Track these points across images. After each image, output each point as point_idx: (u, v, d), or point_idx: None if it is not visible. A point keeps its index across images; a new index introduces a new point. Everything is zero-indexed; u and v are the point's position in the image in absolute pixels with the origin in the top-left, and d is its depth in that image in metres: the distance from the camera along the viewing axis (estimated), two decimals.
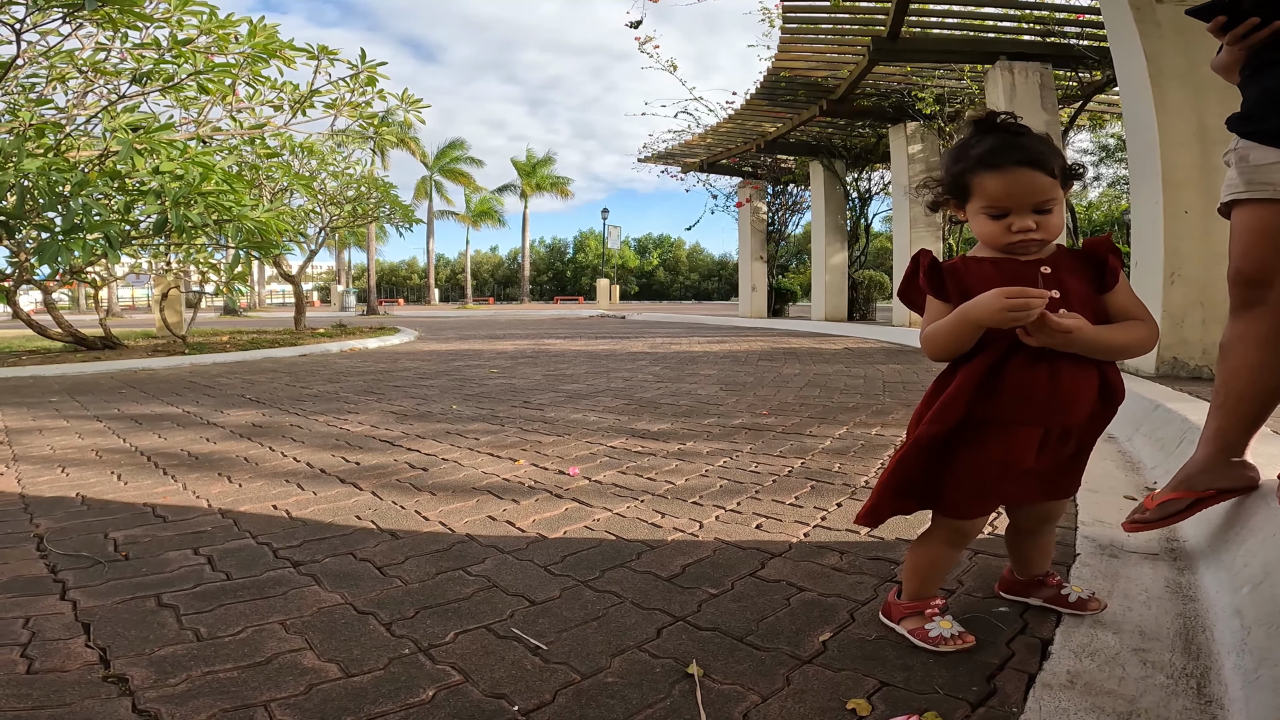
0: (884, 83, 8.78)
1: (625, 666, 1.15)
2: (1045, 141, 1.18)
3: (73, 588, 1.46)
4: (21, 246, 6.44)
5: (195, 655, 1.17)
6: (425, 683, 1.10)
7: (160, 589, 1.45)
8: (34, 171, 5.18)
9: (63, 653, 1.19)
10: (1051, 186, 1.14)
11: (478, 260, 59.59)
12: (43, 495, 2.16)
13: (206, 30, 6.25)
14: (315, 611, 1.34)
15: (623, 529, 1.82)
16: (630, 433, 3.03)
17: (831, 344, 8.15)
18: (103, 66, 6.46)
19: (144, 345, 7.99)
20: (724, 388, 4.42)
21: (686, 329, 11.79)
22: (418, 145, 35.04)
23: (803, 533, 1.79)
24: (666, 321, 15.01)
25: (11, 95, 6.50)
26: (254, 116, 7.71)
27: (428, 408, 3.73)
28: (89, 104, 6.76)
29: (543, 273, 61.10)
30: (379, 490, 2.17)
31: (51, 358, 6.64)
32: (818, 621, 1.31)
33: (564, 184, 42.64)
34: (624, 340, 8.97)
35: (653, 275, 62.01)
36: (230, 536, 1.76)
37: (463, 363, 6.34)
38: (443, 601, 1.39)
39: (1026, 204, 1.15)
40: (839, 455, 2.60)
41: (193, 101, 7.22)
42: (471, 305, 37.60)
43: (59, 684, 1.09)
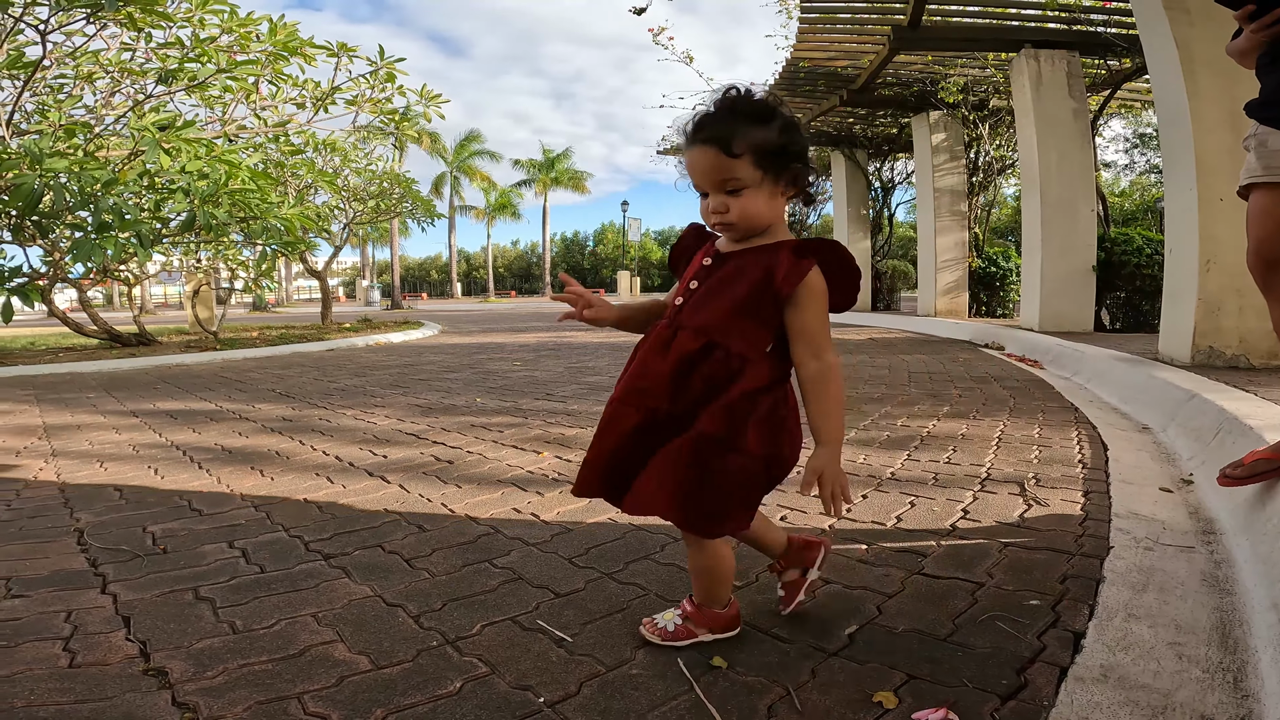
0: (905, 72, 8.63)
1: (650, 658, 1.16)
2: (749, 120, 1.08)
3: (113, 581, 1.50)
4: (55, 245, 6.61)
5: (231, 648, 1.20)
6: (453, 674, 1.11)
7: (197, 582, 1.48)
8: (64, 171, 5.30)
9: (104, 646, 1.22)
10: (733, 167, 1.08)
11: (498, 254, 59.84)
12: (82, 490, 2.22)
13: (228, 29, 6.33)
14: (346, 604, 1.36)
15: (646, 521, 1.82)
16: None
17: (855, 334, 8.08)
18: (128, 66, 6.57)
19: (177, 341, 8.17)
20: None
21: None
22: (438, 140, 35.22)
23: (827, 524, 1.78)
24: None
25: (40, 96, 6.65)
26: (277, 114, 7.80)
27: (452, 401, 3.77)
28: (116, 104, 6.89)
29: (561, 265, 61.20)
30: (406, 483, 2.20)
31: (88, 354, 6.82)
32: (844, 614, 1.30)
33: (581, 178, 42.63)
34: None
35: None
36: (263, 530, 1.80)
37: (486, 356, 6.39)
38: (469, 594, 1.41)
39: (710, 183, 1.11)
40: (864, 447, 2.58)
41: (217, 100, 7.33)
42: (493, 299, 37.88)
43: (101, 677, 1.12)
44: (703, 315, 1.13)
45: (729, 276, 1.13)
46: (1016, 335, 6.09)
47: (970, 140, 9.49)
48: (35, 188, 5.09)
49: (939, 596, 1.36)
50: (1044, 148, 6.61)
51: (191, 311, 9.41)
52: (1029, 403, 3.45)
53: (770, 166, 1.09)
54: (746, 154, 1.07)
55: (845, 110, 10.03)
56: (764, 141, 1.08)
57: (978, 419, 3.07)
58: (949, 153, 9.26)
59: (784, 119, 1.11)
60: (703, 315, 1.13)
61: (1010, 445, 2.57)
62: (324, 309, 11.83)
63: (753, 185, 1.09)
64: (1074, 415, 3.13)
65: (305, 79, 7.36)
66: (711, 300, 1.13)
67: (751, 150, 1.08)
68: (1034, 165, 6.70)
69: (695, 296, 1.16)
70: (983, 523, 1.77)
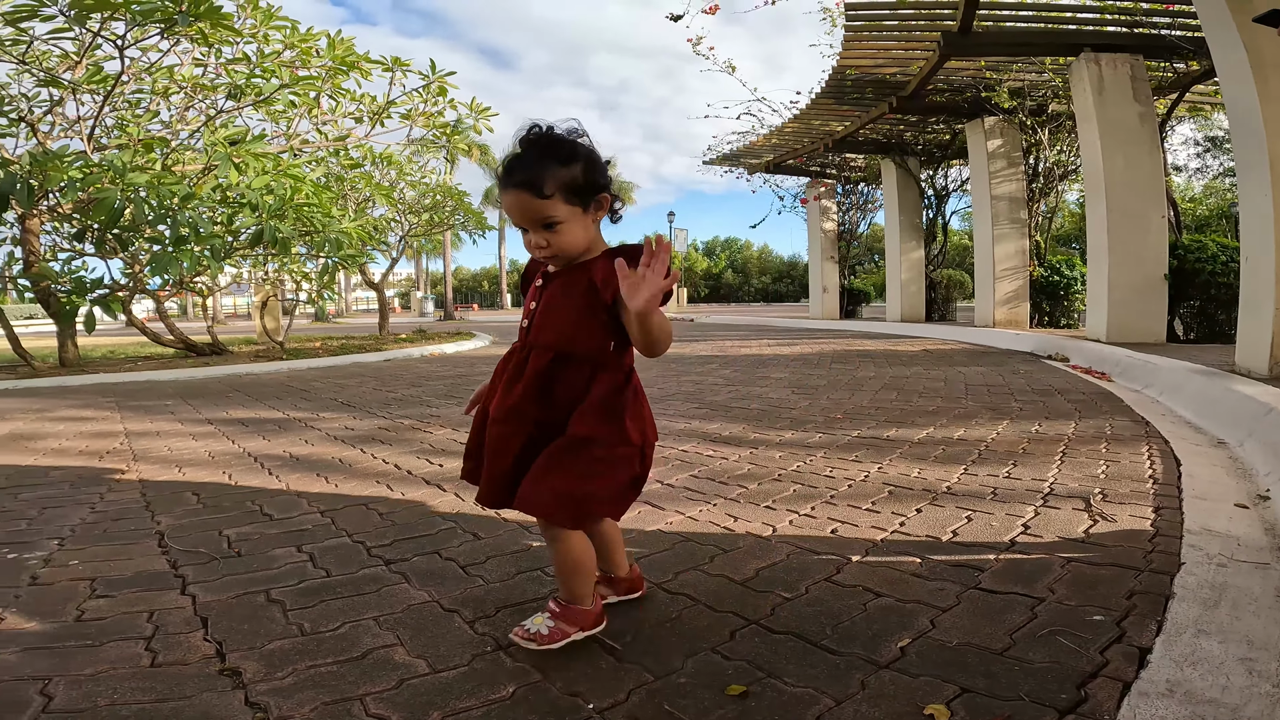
0: (957, 78, 8.44)
1: (698, 668, 1.17)
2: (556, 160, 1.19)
3: (192, 582, 1.58)
4: (135, 258, 6.99)
5: (300, 649, 1.25)
6: (506, 680, 1.14)
7: (269, 584, 1.55)
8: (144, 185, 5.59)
9: (183, 646, 1.28)
10: (545, 206, 1.19)
11: None
12: (162, 494, 2.35)
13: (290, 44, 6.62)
14: (405, 608, 1.41)
15: (695, 532, 1.84)
16: (702, 436, 3.05)
17: (908, 345, 7.90)
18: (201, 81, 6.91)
19: (246, 351, 8.56)
20: (796, 391, 4.36)
21: (756, 331, 11.67)
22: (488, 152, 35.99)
23: (880, 538, 1.76)
24: (735, 324, 14.90)
25: (119, 111, 7.04)
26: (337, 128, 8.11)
27: None
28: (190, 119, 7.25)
29: None
30: (461, 492, 2.26)
31: (165, 363, 7.21)
32: (895, 627, 1.29)
33: (627, 189, 42.99)
34: (692, 343, 8.97)
35: (721, 278, 61.57)
36: (329, 535, 1.88)
37: None
38: (522, 600, 1.44)
39: (526, 223, 1.22)
40: (918, 460, 2.53)
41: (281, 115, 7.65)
42: None
43: (180, 676, 1.17)
44: (547, 333, 1.26)
45: (559, 294, 1.26)
46: (1082, 347, 5.86)
47: (1028, 146, 9.20)
48: (117, 202, 5.40)
49: (996, 611, 1.33)
50: (1109, 153, 6.37)
51: (259, 322, 9.84)
52: (1096, 416, 3.32)
53: (579, 199, 1.21)
54: (557, 193, 1.19)
55: (895, 117, 9.86)
56: (571, 179, 1.20)
57: (1040, 433, 2.97)
58: (1006, 159, 9.00)
59: (586, 154, 1.23)
60: (547, 333, 1.26)
61: (1075, 460, 2.49)
62: (381, 320, 12.22)
63: (567, 219, 1.21)
64: (1145, 429, 3.00)
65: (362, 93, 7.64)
66: (550, 318, 1.26)
67: (561, 189, 1.19)
68: (1098, 171, 6.46)
69: (536, 317, 1.28)
70: (1044, 538, 1.72)
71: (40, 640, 1.30)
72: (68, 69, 6.24)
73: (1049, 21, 6.97)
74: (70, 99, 6.54)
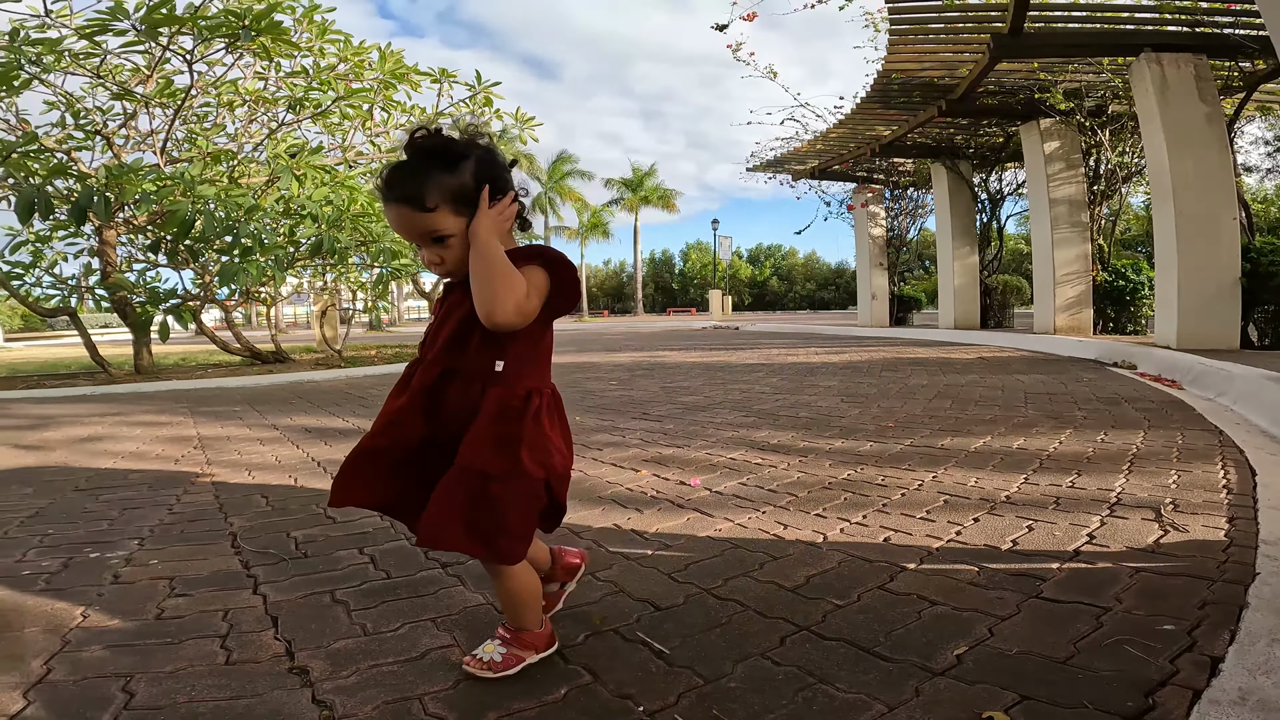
0: (1008, 79, 8.21)
1: (748, 672, 1.17)
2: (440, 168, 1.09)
3: (263, 582, 1.64)
4: (205, 269, 7.33)
5: (363, 649, 1.29)
6: (558, 681, 1.17)
7: (334, 585, 1.61)
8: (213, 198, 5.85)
9: (255, 644, 1.33)
10: (430, 220, 1.09)
11: (591, 274, 61.16)
12: (234, 496, 2.47)
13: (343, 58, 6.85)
14: (461, 610, 1.45)
15: (745, 539, 1.84)
16: (750, 444, 3.04)
17: (963, 353, 7.69)
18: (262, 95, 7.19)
19: (308, 359, 8.88)
20: (845, 399, 4.30)
21: (803, 339, 11.53)
22: (534, 161, 36.36)
23: (935, 546, 1.73)
24: (781, 332, 14.74)
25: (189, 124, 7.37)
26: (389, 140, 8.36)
27: None
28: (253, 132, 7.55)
29: (648, 284, 61.79)
30: None
31: (232, 371, 7.54)
32: (951, 635, 1.27)
33: (670, 196, 42.93)
34: (739, 352, 8.93)
35: (766, 285, 61.07)
36: (388, 538, 1.94)
37: (582, 375, 6.56)
38: (574, 604, 1.46)
39: (413, 239, 1.13)
40: (975, 469, 2.48)
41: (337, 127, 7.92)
42: (587, 318, 38.70)
43: (252, 674, 1.22)
44: (438, 347, 1.19)
45: (454, 305, 1.18)
46: (1150, 353, 5.61)
47: (1088, 148, 8.87)
48: (188, 214, 5.66)
49: (1059, 620, 1.30)
50: (1175, 155, 6.10)
51: (319, 331, 10.21)
52: (1166, 425, 3.18)
53: (471, 209, 1.11)
54: (442, 204, 1.09)
55: (945, 120, 9.65)
56: (458, 188, 1.10)
57: (1106, 441, 2.86)
58: (1064, 161, 8.70)
59: (477, 157, 1.12)
60: (438, 347, 1.19)
61: (1144, 469, 2.40)
62: None
63: (457, 232, 1.11)
64: (1218, 438, 2.86)
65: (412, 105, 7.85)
66: (443, 331, 1.19)
67: (447, 199, 1.09)
68: (1164, 173, 6.19)
69: (432, 330, 1.23)
70: (1111, 548, 1.67)
71: (123, 638, 1.37)
72: (139, 82, 6.50)
73: (1104, 22, 6.73)
74: (143, 112, 6.82)
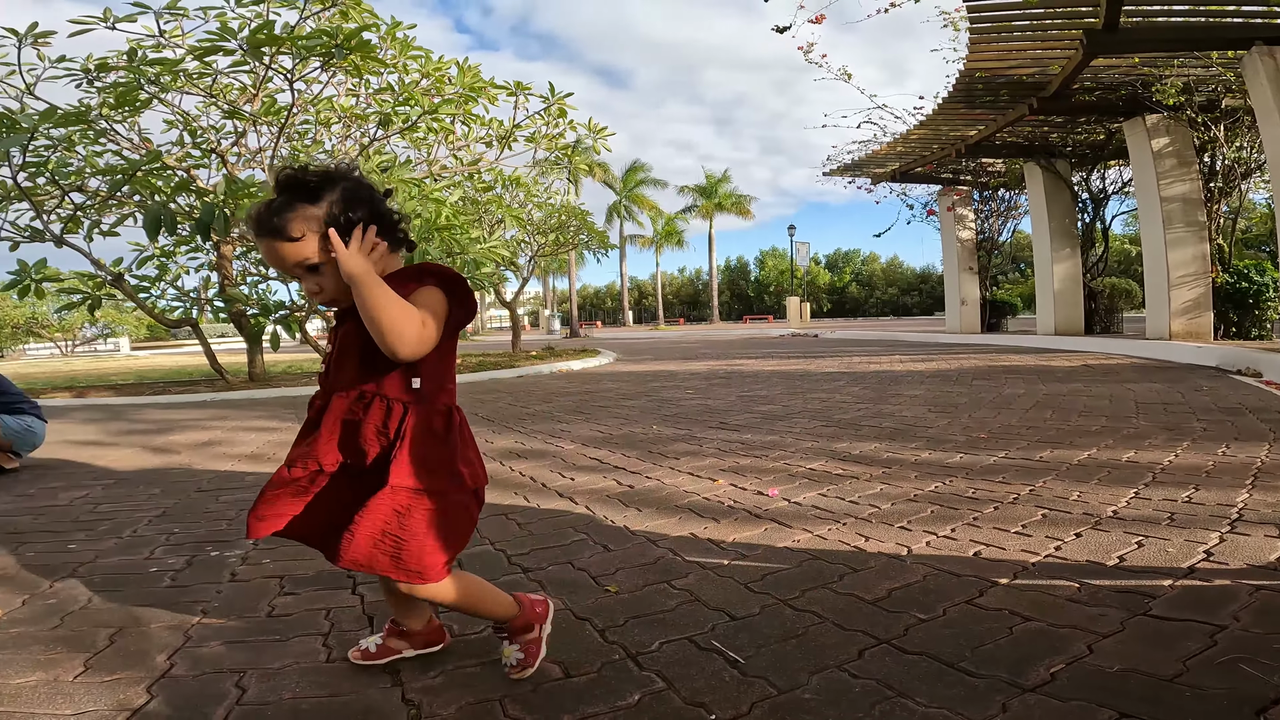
0: (1106, 75, 7.68)
1: (824, 684, 1.16)
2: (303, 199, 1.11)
3: (360, 583, 1.72)
4: None
5: (447, 650, 1.34)
6: (633, 687, 1.18)
7: None
8: None
9: (352, 643, 1.37)
10: (300, 249, 1.11)
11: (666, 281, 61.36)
12: None
13: (425, 73, 7.14)
14: None
15: (824, 550, 1.81)
16: (830, 455, 2.97)
17: (1064, 360, 7.23)
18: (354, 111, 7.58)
19: None
20: (933, 409, 4.13)
21: (885, 346, 11.15)
22: (606, 170, 36.76)
23: (1031, 561, 1.66)
24: (862, 339, 14.32)
25: (291, 141, 7.85)
26: (469, 153, 8.66)
27: (630, 428, 3.95)
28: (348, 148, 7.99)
29: (723, 292, 61.35)
30: (592, 505, 2.35)
31: None
32: (1045, 652, 1.21)
33: (744, 202, 42.49)
34: (818, 359, 8.73)
35: (845, 291, 59.55)
36: (474, 542, 2.00)
37: (659, 384, 6.59)
38: (649, 612, 1.48)
39: (287, 270, 1.14)
40: (1078, 483, 2.33)
41: (421, 141, 8.26)
42: (663, 326, 38.82)
43: (349, 672, 1.28)
44: (345, 374, 1.19)
45: (351, 333, 1.18)
46: (1278, 360, 5.10)
47: (1202, 144, 8.19)
48: None
49: (1167, 638, 1.23)
50: None
51: None
52: None
53: (340, 235, 1.12)
54: (308, 233, 1.11)
55: (1037, 118, 9.13)
56: (322, 216, 1.12)
57: (1228, 455, 2.63)
58: (1176, 158, 8.05)
59: (342, 186, 1.15)
60: (345, 374, 1.19)
61: (1270, 484, 2.20)
62: (514, 337, 12.89)
63: (328, 259, 1.13)
64: None
65: (490, 118, 8.10)
66: (345, 358, 1.19)
67: (312, 228, 1.12)
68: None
69: (333, 359, 1.22)
70: (1230, 565, 1.56)
71: (237, 634, 1.46)
72: (245, 101, 6.97)
73: (1208, 15, 6.21)
74: (251, 130, 7.27)
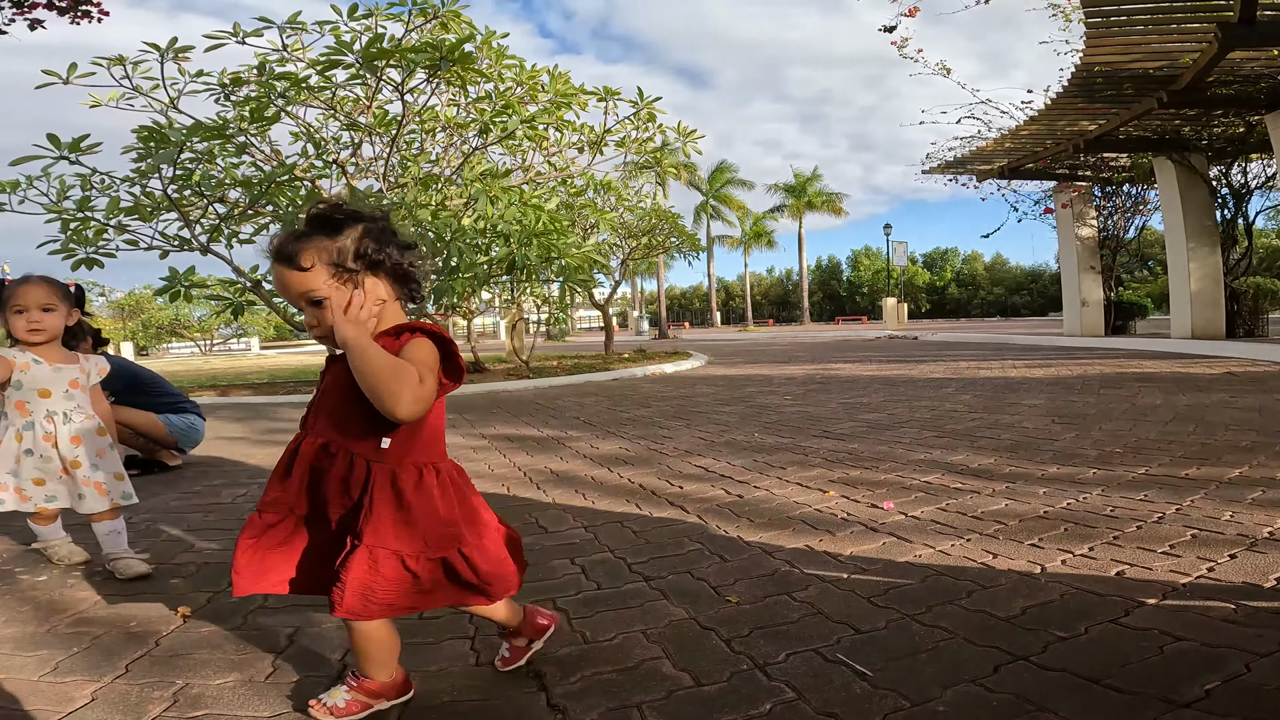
0: (1245, 67, 6.95)
1: (958, 698, 1.15)
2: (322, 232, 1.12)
3: None
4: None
5: (584, 656, 1.40)
6: (763, 697, 1.21)
7: (554, 593, 1.74)
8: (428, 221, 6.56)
9: (496, 647, 1.41)
10: (306, 280, 1.11)
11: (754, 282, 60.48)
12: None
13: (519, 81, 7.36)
14: (667, 624, 1.53)
15: (948, 566, 1.78)
16: (946, 467, 2.87)
17: (1204, 367, 6.62)
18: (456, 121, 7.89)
19: (500, 369, 9.73)
20: (1057, 420, 3.89)
21: (994, 350, 10.56)
22: (692, 171, 36.63)
23: (1182, 582, 1.58)
24: (967, 342, 13.60)
25: (401, 151, 8.24)
26: (562, 159, 8.87)
27: (731, 435, 3.95)
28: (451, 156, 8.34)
29: (814, 292, 59.78)
30: (703, 514, 2.38)
31: None
32: (1199, 669, 1.17)
33: (835, 200, 41.24)
34: (921, 364, 8.38)
35: (945, 291, 56.79)
36: (593, 550, 2.08)
37: (754, 389, 6.54)
38: (772, 623, 1.50)
39: (291, 299, 1.14)
40: (1230, 502, 2.17)
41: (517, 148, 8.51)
42: (752, 327, 38.32)
43: (496, 676, 1.33)
44: (321, 420, 1.18)
45: (335, 379, 1.17)
46: None
47: None
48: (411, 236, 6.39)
49: None
50: None
51: (510, 342, 11.11)
52: None
53: (349, 274, 1.13)
54: (319, 266, 1.11)
55: (1167, 111, 8.41)
56: (338, 251, 1.12)
57: None
58: None
59: (364, 228, 1.14)
60: (321, 420, 1.18)
61: None
62: (607, 340, 13.11)
63: (332, 296, 1.12)
64: None
65: (581, 124, 8.26)
66: (325, 404, 1.18)
67: (325, 262, 1.11)
68: None
69: (316, 402, 1.21)
70: None
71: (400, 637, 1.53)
72: (360, 113, 7.35)
73: None
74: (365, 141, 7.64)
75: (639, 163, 8.97)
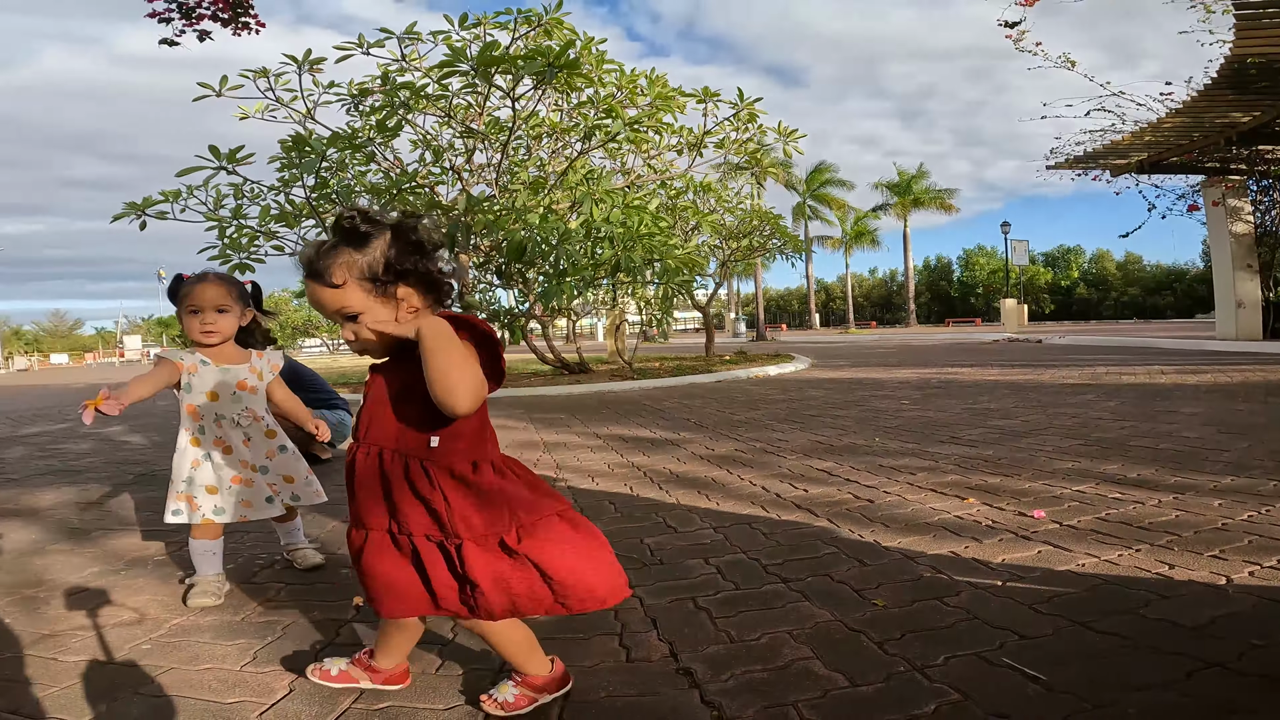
0: None
1: (1147, 701, 1.11)
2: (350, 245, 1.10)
3: (636, 586, 1.77)
4: (529, 288, 8.54)
5: (732, 655, 1.40)
6: (926, 698, 1.18)
7: (693, 593, 1.75)
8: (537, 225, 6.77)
9: (645, 645, 1.46)
10: (339, 297, 1.10)
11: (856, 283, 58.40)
12: (588, 501, 2.78)
13: (619, 86, 7.42)
14: (813, 625, 1.51)
15: (1118, 576, 1.69)
16: (1099, 477, 2.68)
17: None
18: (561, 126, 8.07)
19: (604, 370, 9.91)
20: (1221, 430, 3.53)
21: (1136, 355, 9.68)
22: (789, 171, 35.80)
23: None
24: (1100, 345, 12.54)
25: (510, 157, 8.52)
26: (661, 162, 8.90)
27: (850, 439, 3.84)
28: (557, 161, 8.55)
29: (921, 293, 56.94)
30: (833, 519, 2.34)
31: (547, 379, 8.70)
32: None
33: (944, 197, 39.16)
34: (1050, 369, 7.80)
35: (1071, 292, 52.70)
36: (726, 550, 2.07)
37: (866, 392, 6.32)
38: (925, 627, 1.46)
39: (326, 315, 1.13)
40: None
41: (617, 151, 8.62)
42: (853, 330, 37.08)
43: (648, 673, 1.34)
44: (373, 429, 1.18)
45: (383, 388, 1.18)
46: None
47: None
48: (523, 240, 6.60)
49: None
50: None
51: (612, 343, 11.30)
52: None
53: (381, 286, 1.11)
54: (350, 282, 1.10)
55: None
56: (366, 265, 1.10)
57: None
58: None
59: (391, 238, 1.12)
60: (373, 429, 1.18)
61: None
62: (707, 341, 13.08)
63: (367, 310, 1.11)
64: None
65: (681, 126, 8.24)
66: (375, 412, 1.18)
67: (357, 276, 1.10)
68: None
69: (365, 412, 1.20)
70: None
71: (549, 631, 1.49)
72: (472, 120, 7.63)
73: None
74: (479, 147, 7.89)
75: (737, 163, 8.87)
